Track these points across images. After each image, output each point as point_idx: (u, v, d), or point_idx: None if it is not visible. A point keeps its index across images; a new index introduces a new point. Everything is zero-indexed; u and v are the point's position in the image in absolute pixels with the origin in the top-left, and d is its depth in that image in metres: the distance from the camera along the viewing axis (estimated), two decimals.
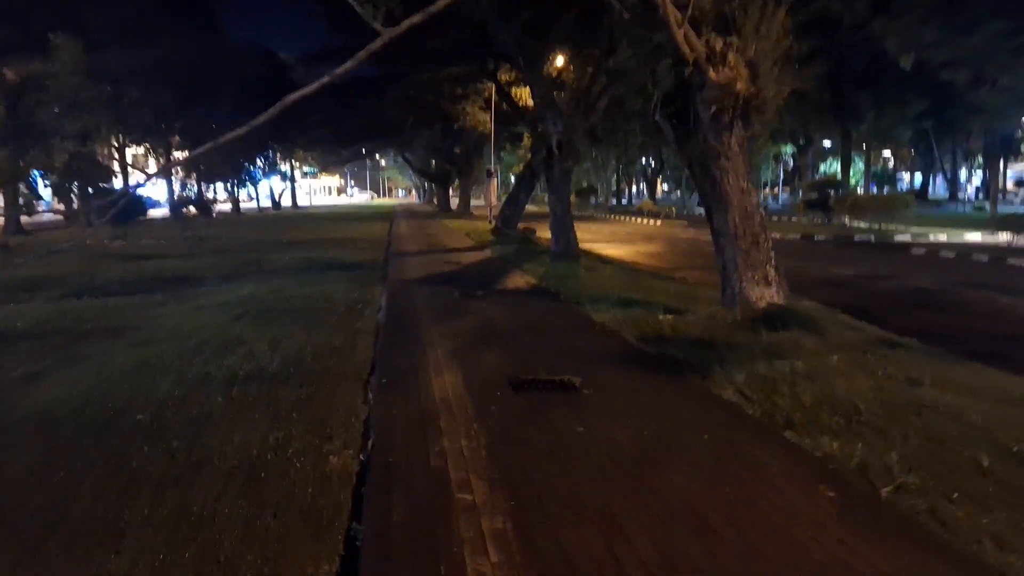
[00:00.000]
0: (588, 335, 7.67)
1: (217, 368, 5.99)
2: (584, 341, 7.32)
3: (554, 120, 16.60)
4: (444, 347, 6.86)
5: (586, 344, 7.16)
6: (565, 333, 7.74)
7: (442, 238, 24.29)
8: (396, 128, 46.74)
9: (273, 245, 21.29)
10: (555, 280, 12.42)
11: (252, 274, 13.69)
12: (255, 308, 9.22)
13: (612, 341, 7.35)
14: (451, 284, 11.82)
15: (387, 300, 10.07)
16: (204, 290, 11.38)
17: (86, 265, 15.43)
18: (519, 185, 27.20)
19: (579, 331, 7.86)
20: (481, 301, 9.98)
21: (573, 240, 17.35)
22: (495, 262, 16.28)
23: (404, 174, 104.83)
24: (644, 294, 10.74)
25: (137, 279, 12.89)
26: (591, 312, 9.02)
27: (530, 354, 6.63)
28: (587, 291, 11.06)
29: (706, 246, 24.60)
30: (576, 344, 7.13)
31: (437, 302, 9.87)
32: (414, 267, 14.72)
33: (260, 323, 8.11)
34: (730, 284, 8.00)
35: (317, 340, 7.18)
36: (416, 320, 8.42)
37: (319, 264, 15.50)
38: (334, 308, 9.31)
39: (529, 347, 6.95)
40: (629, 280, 12.87)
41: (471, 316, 8.68)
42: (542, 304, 9.80)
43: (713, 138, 7.61)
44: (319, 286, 11.58)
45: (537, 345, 7.05)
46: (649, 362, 6.45)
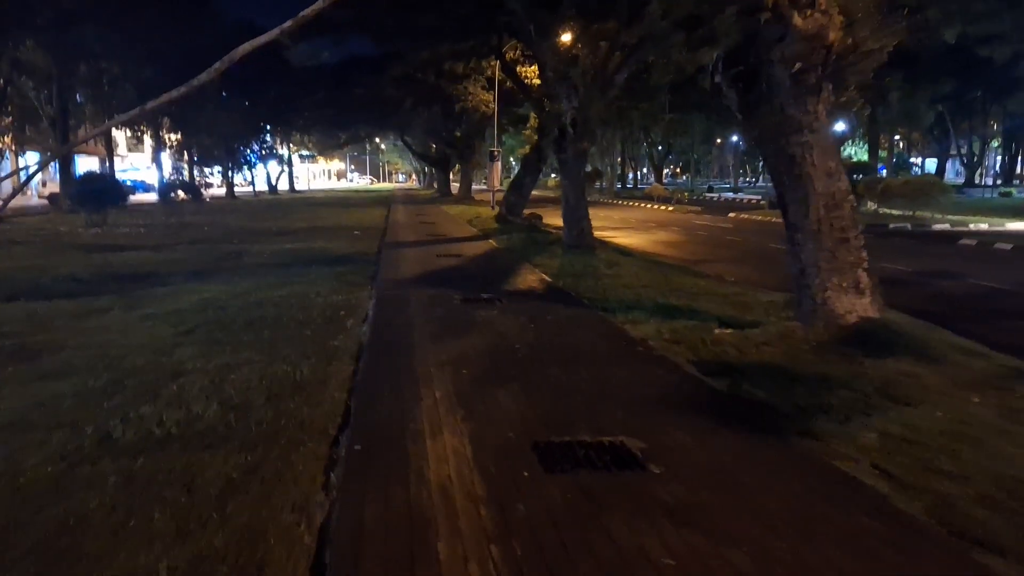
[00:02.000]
0: (631, 361, 5.95)
1: (127, 422, 4.28)
2: (628, 371, 5.60)
3: (568, 96, 14.81)
4: (443, 384, 5.14)
5: (632, 376, 5.45)
6: (600, 358, 6.03)
7: (442, 226, 22.53)
8: (395, 109, 44.86)
9: (259, 234, 19.54)
10: (573, 278, 10.71)
11: (226, 270, 11.96)
12: (214, 318, 7.51)
13: (664, 371, 5.64)
14: (452, 284, 10.10)
15: (375, 307, 8.35)
16: (163, 291, 9.67)
17: (43, 257, 13.71)
18: (524, 169, 25.41)
19: (618, 355, 6.15)
20: (489, 308, 8.26)
21: (587, 229, 15.64)
22: (501, 255, 14.55)
23: (404, 158, 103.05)
24: (683, 297, 9.04)
25: (92, 276, 11.17)
26: (626, 324, 7.31)
27: (560, 395, 4.92)
28: (613, 292, 9.35)
29: (726, 234, 22.95)
30: (619, 377, 5.42)
31: (436, 310, 8.15)
32: (410, 261, 12.99)
33: (212, 342, 6.40)
34: (809, 292, 6.27)
35: (279, 370, 5.46)
36: (408, 338, 6.70)
37: (305, 257, 13.77)
38: (310, 318, 7.59)
39: (557, 383, 5.24)
40: (658, 277, 11.16)
41: (477, 332, 6.96)
42: (564, 312, 8.08)
43: (793, 106, 5.87)
44: (299, 286, 9.86)
45: (567, 379, 5.34)
46: (726, 408, 4.73)
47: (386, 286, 10.02)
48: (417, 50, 30.49)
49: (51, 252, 14.81)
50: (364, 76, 41.27)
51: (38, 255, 14.22)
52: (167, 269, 12.05)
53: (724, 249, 17.88)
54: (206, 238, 18.32)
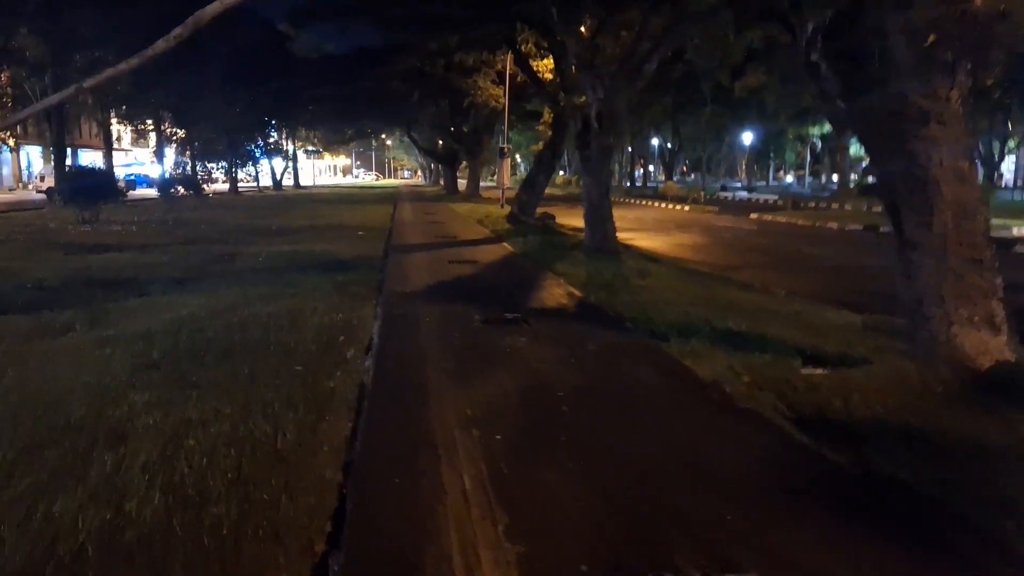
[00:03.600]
0: (710, 416, 4.65)
1: (23, 530, 3.01)
2: (711, 434, 4.31)
3: (593, 87, 13.50)
4: (472, 459, 3.83)
5: (720, 443, 4.15)
6: (670, 412, 4.73)
7: (451, 226, 21.26)
8: (401, 103, 43.57)
9: (257, 233, 18.29)
10: (605, 291, 9.42)
11: (214, 276, 10.70)
12: (186, 344, 6.23)
13: (759, 431, 4.34)
14: (468, 298, 8.82)
15: (381, 329, 7.06)
16: (137, 304, 8.41)
17: (16, 259, 12.47)
18: (538, 167, 24.09)
19: (690, 407, 4.84)
20: (515, 333, 6.96)
21: (611, 232, 14.38)
22: (519, 261, 13.26)
23: (410, 154, 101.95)
24: (739, 317, 7.73)
25: (63, 283, 9.92)
26: (686, 357, 6.01)
27: (635, 478, 3.62)
28: (657, 311, 8.05)
29: (753, 237, 21.63)
30: (703, 444, 4.13)
31: (452, 334, 6.86)
32: (419, 269, 11.70)
33: (178, 381, 5.12)
34: (928, 325, 4.97)
35: (255, 431, 4.18)
36: (421, 378, 5.40)
37: (303, 261, 12.50)
38: (303, 345, 6.31)
39: (624, 455, 3.94)
40: (700, 289, 9.88)
41: (506, 368, 5.66)
42: (605, 338, 6.79)
43: (919, 87, 4.56)
44: (293, 299, 8.59)
45: (636, 449, 4.04)
46: (868, 500, 3.43)
47: (393, 300, 8.74)
48: (425, 41, 29.20)
49: (28, 252, 13.58)
50: (370, 69, 39.93)
51: (13, 255, 12.99)
52: (149, 274, 10.79)
53: (756, 254, 16.57)
54: (199, 237, 17.07)
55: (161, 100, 35.07)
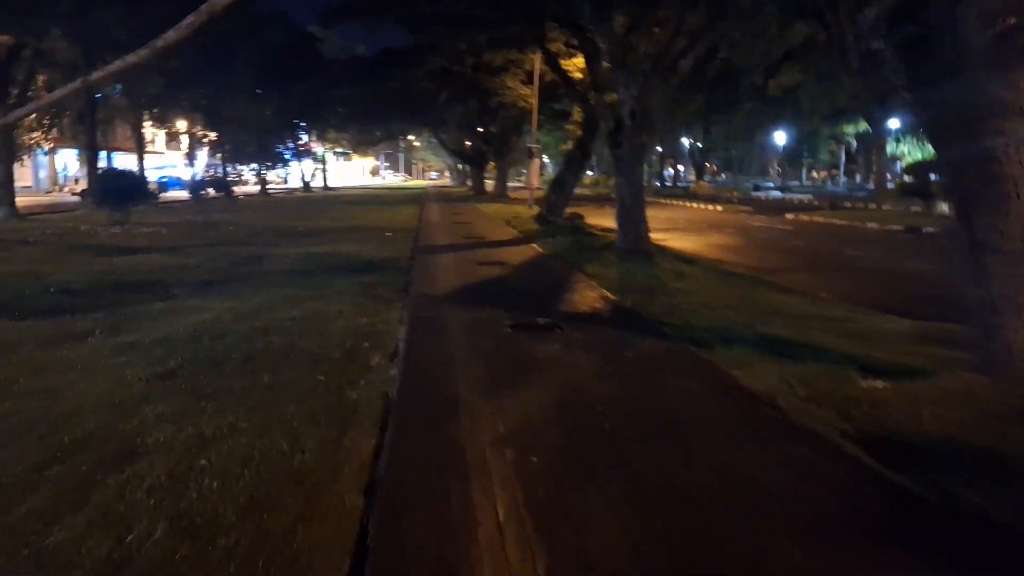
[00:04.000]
0: (765, 435, 4.27)
1: (14, 559, 2.74)
2: (769, 457, 3.93)
3: (626, 84, 13.12)
4: (507, 485, 3.50)
5: (779, 467, 3.78)
6: (721, 431, 4.36)
7: (479, 227, 20.96)
8: (429, 104, 43.44)
9: (286, 234, 18.16)
10: (641, 294, 9.05)
11: (240, 279, 10.51)
12: (206, 352, 5.99)
13: (820, 454, 3.95)
14: (498, 302, 8.49)
15: (408, 335, 6.77)
16: (160, 309, 8.21)
17: (46, 261, 12.40)
18: (567, 167, 23.70)
19: (743, 424, 4.46)
20: (548, 339, 6.63)
21: (644, 233, 13.99)
22: (549, 262, 12.91)
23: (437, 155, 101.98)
24: (784, 323, 7.34)
25: (89, 286, 9.78)
26: (733, 367, 5.63)
27: (688, 510, 3.27)
28: (696, 316, 7.68)
29: (790, 238, 21.04)
30: (760, 468, 3.75)
31: (482, 341, 6.54)
32: (447, 270, 11.41)
33: (194, 392, 4.87)
34: (1000, 334, 4.55)
35: (272, 448, 3.90)
36: (450, 390, 5.08)
37: (330, 263, 12.29)
38: (326, 352, 6.04)
39: (675, 482, 3.58)
40: (739, 293, 9.45)
41: (540, 379, 5.32)
42: (644, 346, 6.42)
43: (995, 80, 4.15)
44: (318, 302, 8.35)
45: (688, 474, 3.68)
46: (947, 536, 3.05)
47: (420, 304, 8.44)
48: (454, 40, 28.99)
49: (58, 254, 13.53)
50: (398, 70, 39.86)
51: (42, 258, 12.93)
52: (175, 277, 10.63)
53: (795, 256, 16.04)
54: (227, 239, 16.96)
55: (192, 102, 35.23)
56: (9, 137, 22.00)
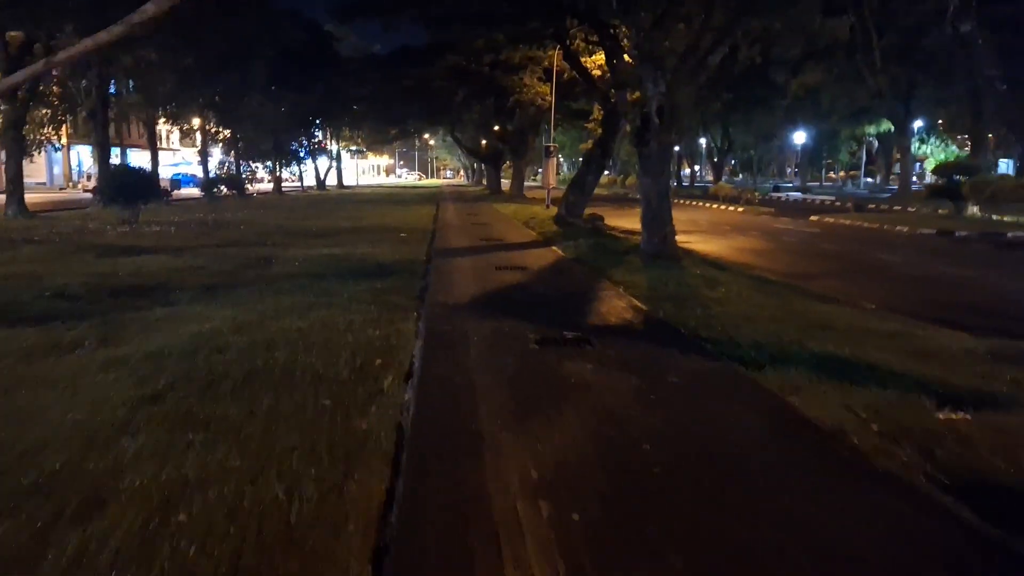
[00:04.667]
0: (838, 482, 3.63)
1: None
2: (844, 510, 3.29)
3: (654, 80, 12.46)
4: (545, 552, 2.90)
5: (858, 524, 3.14)
6: (784, 475, 3.72)
7: (497, 228, 20.36)
8: (445, 103, 42.98)
9: (297, 235, 17.64)
10: (673, 304, 8.41)
11: (246, 284, 9.96)
12: (202, 369, 5.41)
13: (905, 504, 3.31)
14: (521, 312, 7.88)
15: (423, 350, 6.16)
16: (159, 316, 7.66)
17: (47, 262, 11.92)
18: (587, 166, 23.05)
19: (810, 468, 3.82)
20: (578, 357, 6.00)
21: (671, 236, 13.35)
22: (571, 267, 12.29)
23: (453, 154, 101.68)
24: (835, 338, 6.70)
25: (87, 290, 9.26)
26: (788, 392, 5.00)
27: None
28: (737, 329, 7.04)
29: (819, 241, 20.24)
30: (834, 526, 3.12)
31: (505, 359, 5.91)
32: (465, 276, 10.81)
33: (181, 420, 4.29)
34: None
35: (264, 495, 3.32)
36: (471, 420, 4.46)
37: (342, 267, 11.73)
38: (334, 370, 5.45)
39: (736, 544, 2.96)
40: (779, 303, 8.80)
41: (574, 409, 4.70)
42: (685, 365, 5.78)
43: None
44: (328, 311, 7.77)
45: (750, 533, 3.06)
46: None
47: (437, 313, 7.84)
48: (471, 38, 28.46)
49: (61, 254, 13.05)
50: (414, 68, 39.40)
51: (44, 258, 12.46)
52: (178, 281, 10.10)
53: (827, 261, 15.35)
54: (237, 239, 16.47)
55: (206, 99, 34.85)
56: (18, 133, 21.57)
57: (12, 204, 22.40)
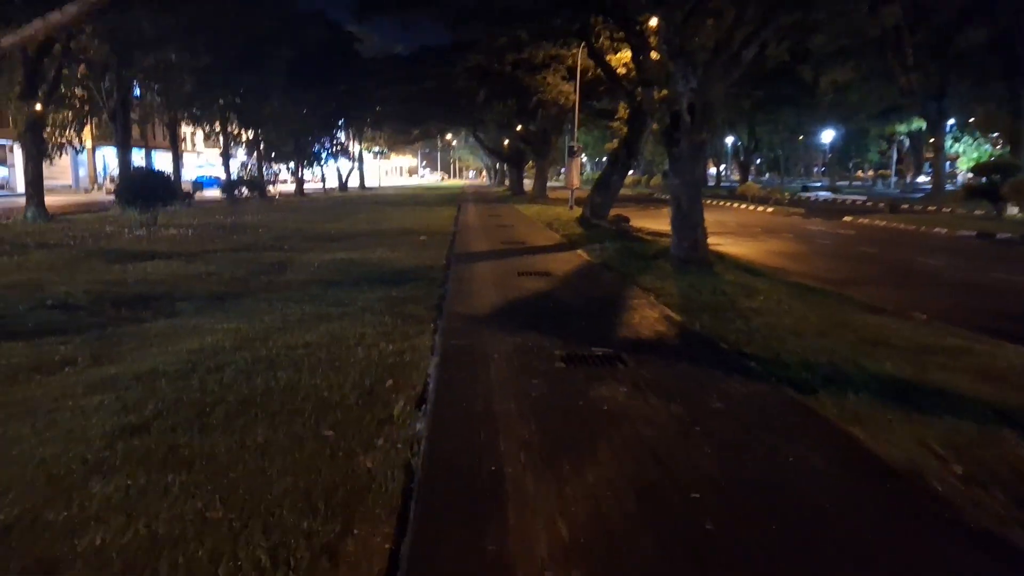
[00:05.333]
0: (926, 542, 3.04)
1: None
2: None
3: (686, 75, 11.85)
4: None
5: None
6: (861, 533, 3.11)
7: (519, 230, 19.81)
8: (467, 103, 42.51)
9: (315, 238, 17.23)
10: (710, 315, 7.81)
11: (256, 292, 9.50)
12: (194, 394, 4.92)
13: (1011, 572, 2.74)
14: (546, 324, 7.32)
15: (439, 370, 5.61)
16: (158, 329, 7.20)
17: (55, 268, 11.57)
18: (612, 166, 22.45)
19: (890, 522, 3.23)
20: (609, 380, 5.42)
21: (703, 240, 12.71)
22: (598, 273, 11.70)
23: (475, 155, 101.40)
24: (893, 356, 6.08)
25: (90, 299, 8.85)
26: (847, 420, 4.41)
27: None
28: (782, 344, 6.44)
29: (855, 244, 19.41)
30: None
31: (529, 381, 5.35)
32: (485, 282, 10.26)
33: (156, 462, 3.79)
34: None
35: (243, 556, 2.79)
36: (492, 459, 3.90)
37: (358, 272, 11.26)
38: (339, 393, 4.93)
39: None
40: (824, 314, 8.17)
41: (608, 444, 4.13)
42: (729, 388, 5.18)
43: None
44: (339, 323, 7.28)
45: None
46: None
47: (455, 325, 7.30)
48: (494, 36, 27.92)
49: (71, 260, 12.72)
50: (436, 68, 38.97)
51: (53, 264, 12.11)
52: (186, 289, 9.67)
53: (867, 265, 14.61)
54: (253, 243, 16.07)
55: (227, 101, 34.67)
56: (37, 135, 21.38)
57: (31, 207, 22.23)
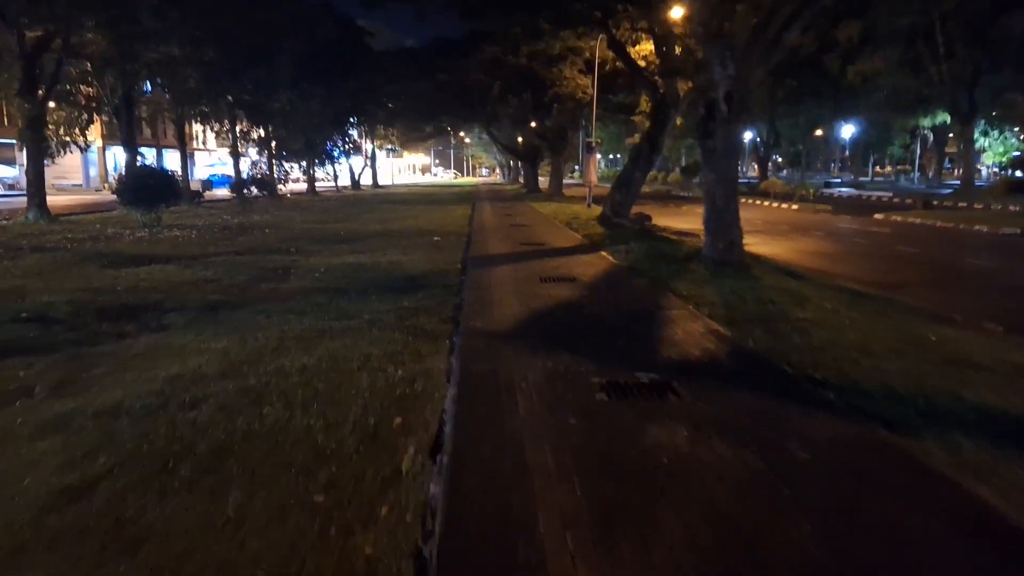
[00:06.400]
0: None
1: None
2: None
3: (723, 61, 10.89)
4: None
5: None
6: None
7: (537, 230, 18.87)
8: (481, 98, 41.61)
9: (324, 240, 16.39)
10: (761, 328, 6.89)
11: (255, 301, 8.65)
12: (156, 443, 4.05)
13: None
14: (576, 342, 6.40)
15: (456, 408, 4.71)
16: (137, 349, 6.36)
17: (44, 275, 10.77)
18: (634, 162, 21.44)
19: None
20: (663, 417, 4.49)
21: (738, 241, 11.76)
22: (627, 278, 10.74)
23: (488, 152, 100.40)
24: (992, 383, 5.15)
25: (74, 309, 8.03)
26: (965, 474, 3.48)
27: None
28: (858, 368, 5.52)
29: (893, 243, 18.30)
30: None
31: (565, 424, 4.42)
32: (505, 290, 9.33)
33: (89, 545, 2.92)
34: None
35: None
36: (533, 545, 3.00)
37: (366, 278, 10.40)
38: (336, 435, 4.06)
39: None
40: (889, 325, 7.24)
41: (674, 515, 3.20)
42: (810, 429, 4.25)
43: None
44: (340, 341, 6.40)
45: None
46: None
47: (473, 344, 6.38)
48: (509, 25, 26.99)
49: (63, 265, 11.92)
50: (450, 60, 38.08)
51: (43, 269, 11.32)
52: (178, 298, 8.83)
53: (911, 267, 13.60)
54: (258, 245, 15.25)
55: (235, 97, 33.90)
56: (37, 133, 20.66)
57: (32, 207, 21.51)
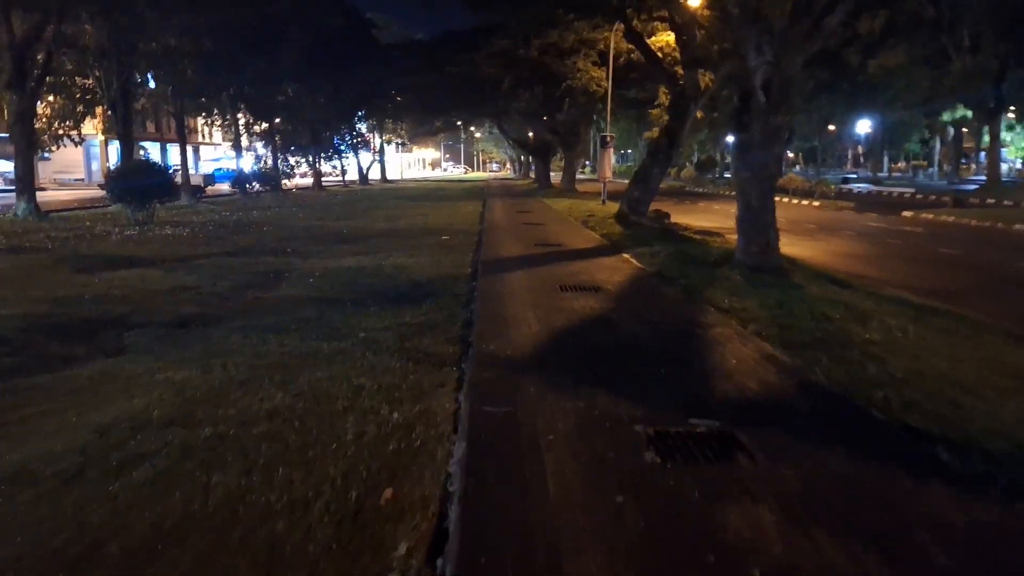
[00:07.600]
0: None
1: None
2: None
3: (759, 46, 9.78)
4: None
5: None
6: None
7: (552, 229, 17.76)
8: (491, 91, 40.44)
9: (325, 239, 15.36)
10: (824, 352, 5.80)
11: (235, 314, 7.62)
12: (50, 541, 3.01)
13: None
14: (610, 374, 5.30)
15: (466, 471, 3.62)
16: (80, 380, 5.32)
17: (10, 280, 9.79)
18: (652, 157, 20.31)
19: None
20: (733, 490, 3.39)
21: (774, 243, 10.72)
22: (657, 285, 9.60)
23: (499, 147, 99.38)
24: None
25: (26, 324, 7.02)
26: None
27: None
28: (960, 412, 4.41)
29: (929, 243, 16.94)
30: None
31: (614, 500, 3.32)
32: (521, 302, 8.20)
33: None
34: None
35: None
36: None
37: (366, 285, 9.36)
38: (307, 516, 3.00)
39: None
40: (971, 347, 6.14)
41: None
42: (932, 511, 3.15)
43: None
44: (326, 370, 5.34)
45: None
46: None
47: (487, 376, 5.27)
48: (521, 17, 25.89)
49: (34, 269, 10.96)
50: (459, 54, 36.94)
51: (9, 275, 10.34)
52: (149, 310, 7.82)
53: (959, 271, 12.47)
54: (252, 245, 14.25)
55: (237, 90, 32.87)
56: (26, 127, 19.70)
57: (22, 202, 20.57)
